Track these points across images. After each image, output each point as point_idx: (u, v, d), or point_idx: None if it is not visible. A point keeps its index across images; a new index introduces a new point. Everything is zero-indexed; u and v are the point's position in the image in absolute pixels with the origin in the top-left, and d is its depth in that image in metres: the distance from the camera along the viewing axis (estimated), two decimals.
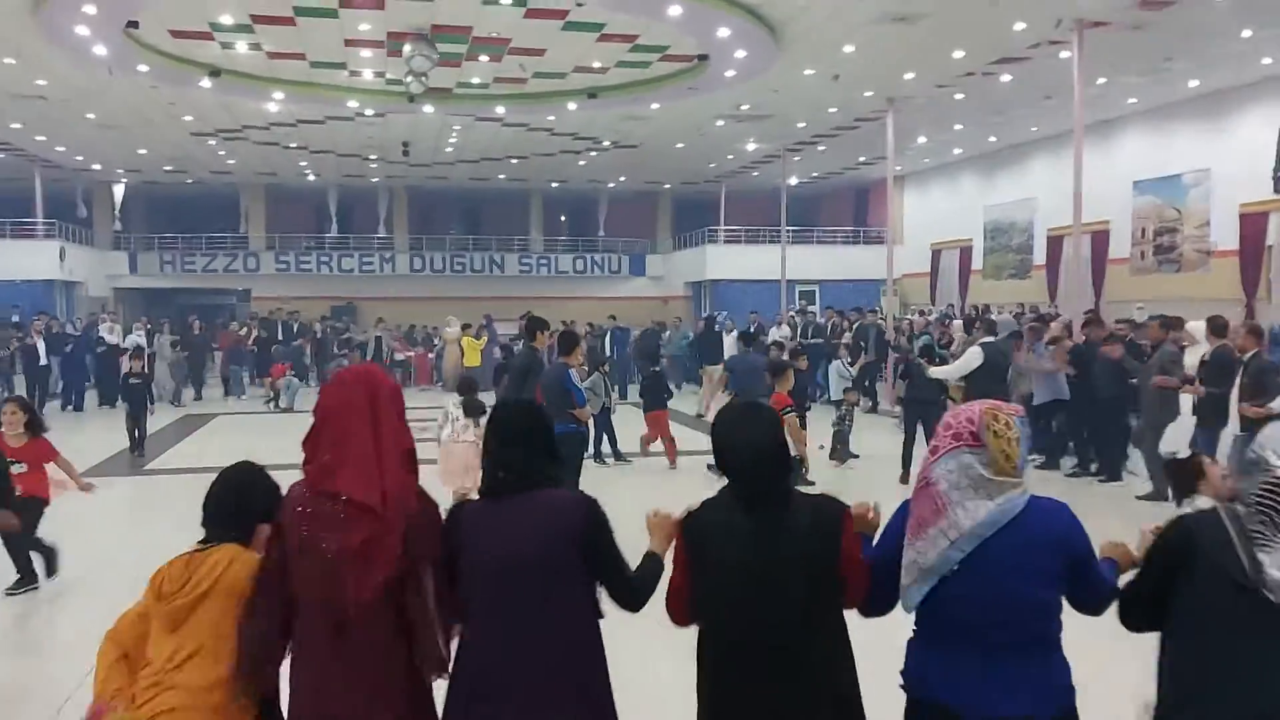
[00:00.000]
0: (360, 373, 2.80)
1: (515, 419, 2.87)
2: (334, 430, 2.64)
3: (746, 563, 2.64)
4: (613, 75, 18.71)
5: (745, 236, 31.63)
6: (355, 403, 2.66)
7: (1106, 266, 22.34)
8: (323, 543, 2.56)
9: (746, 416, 2.82)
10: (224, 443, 14.76)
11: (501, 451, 2.80)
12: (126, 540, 8.90)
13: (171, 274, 32.08)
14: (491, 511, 2.74)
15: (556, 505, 2.73)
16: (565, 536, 2.68)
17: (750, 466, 2.72)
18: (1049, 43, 15.84)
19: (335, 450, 2.61)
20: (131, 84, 18.38)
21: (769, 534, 2.64)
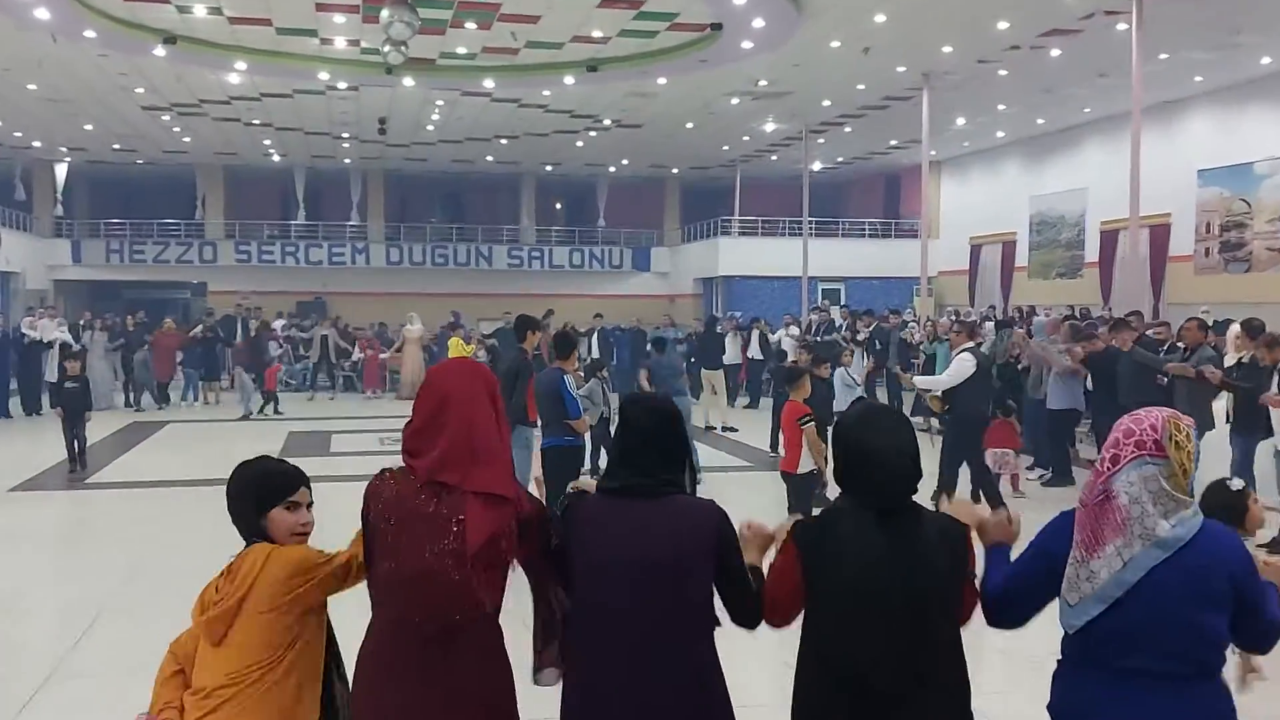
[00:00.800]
0: (473, 365, 3.03)
1: (647, 419, 2.96)
2: (458, 421, 2.77)
3: (881, 584, 2.67)
4: (615, 46, 18.73)
5: (762, 228, 31.65)
6: (477, 393, 2.83)
7: (1167, 265, 22.33)
8: (422, 544, 2.69)
9: (880, 420, 2.88)
10: (174, 455, 14.76)
11: (631, 454, 2.92)
12: (54, 564, 8.89)
13: (118, 265, 32.09)
14: (617, 511, 2.86)
15: (689, 511, 2.86)
16: (698, 544, 2.81)
17: (887, 476, 2.75)
18: (1104, 13, 15.84)
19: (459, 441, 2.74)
20: (77, 52, 18.39)
21: (904, 552, 2.68)
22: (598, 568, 2.81)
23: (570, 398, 7.88)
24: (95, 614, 7.08)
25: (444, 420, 2.75)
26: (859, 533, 2.71)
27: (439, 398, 2.80)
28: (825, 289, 29.68)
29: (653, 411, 2.98)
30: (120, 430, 16.75)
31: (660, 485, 2.87)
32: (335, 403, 21.59)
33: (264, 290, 30.51)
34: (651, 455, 2.89)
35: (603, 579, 2.80)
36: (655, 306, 30.69)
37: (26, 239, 30.30)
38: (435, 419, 2.77)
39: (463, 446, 2.72)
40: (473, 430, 2.75)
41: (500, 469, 2.76)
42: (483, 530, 2.67)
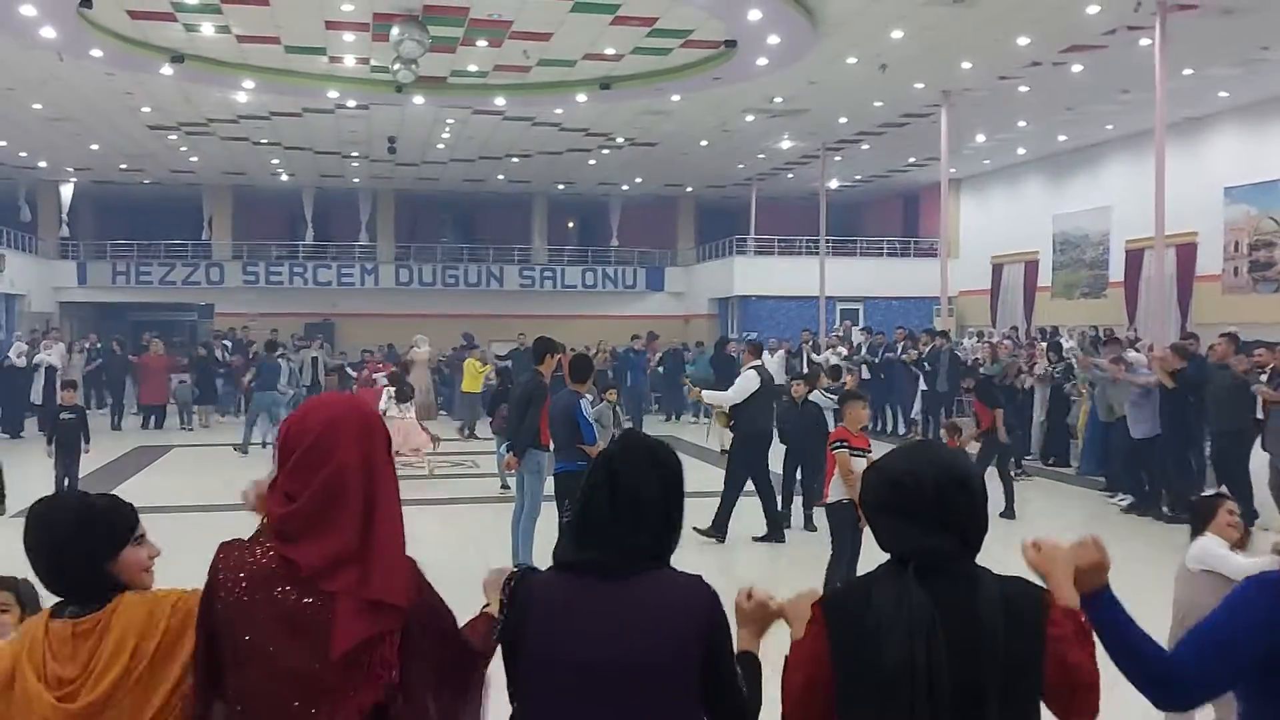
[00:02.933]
0: (361, 411, 2.32)
1: (647, 475, 2.38)
2: (323, 485, 2.17)
3: (927, 661, 2.11)
4: (628, 63, 18.80)
5: (779, 247, 31.66)
6: (375, 456, 2.24)
7: (1194, 285, 22.24)
8: (287, 653, 2.11)
9: (914, 455, 2.35)
10: (179, 480, 14.79)
11: (609, 519, 2.33)
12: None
13: (125, 286, 32.22)
14: (578, 594, 2.30)
15: (673, 595, 2.29)
16: (683, 639, 2.25)
17: (904, 516, 2.25)
18: (1127, 28, 15.84)
19: (326, 516, 2.16)
20: (84, 71, 18.55)
21: (957, 618, 2.14)
22: (549, 671, 2.27)
23: (586, 422, 7.89)
24: None
25: (335, 503, 2.15)
26: (896, 594, 2.17)
27: (330, 469, 2.17)
28: (843, 309, 29.66)
29: (656, 465, 2.41)
30: (125, 455, 16.80)
31: (631, 560, 2.30)
32: None
33: (272, 312, 30.63)
34: (639, 522, 2.32)
35: (558, 685, 2.26)
36: (670, 327, 30.70)
37: (31, 260, 30.50)
38: (324, 501, 2.15)
39: (358, 544, 2.14)
40: (371, 517, 2.17)
41: (399, 567, 2.19)
42: (349, 636, 2.10)
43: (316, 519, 2.15)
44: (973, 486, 2.28)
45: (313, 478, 2.16)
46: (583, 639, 2.25)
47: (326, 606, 2.11)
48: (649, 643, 2.24)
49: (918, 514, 2.22)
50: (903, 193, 34.41)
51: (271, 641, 2.11)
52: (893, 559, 2.26)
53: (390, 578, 2.15)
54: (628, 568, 2.30)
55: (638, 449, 2.45)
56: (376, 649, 2.13)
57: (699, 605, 2.29)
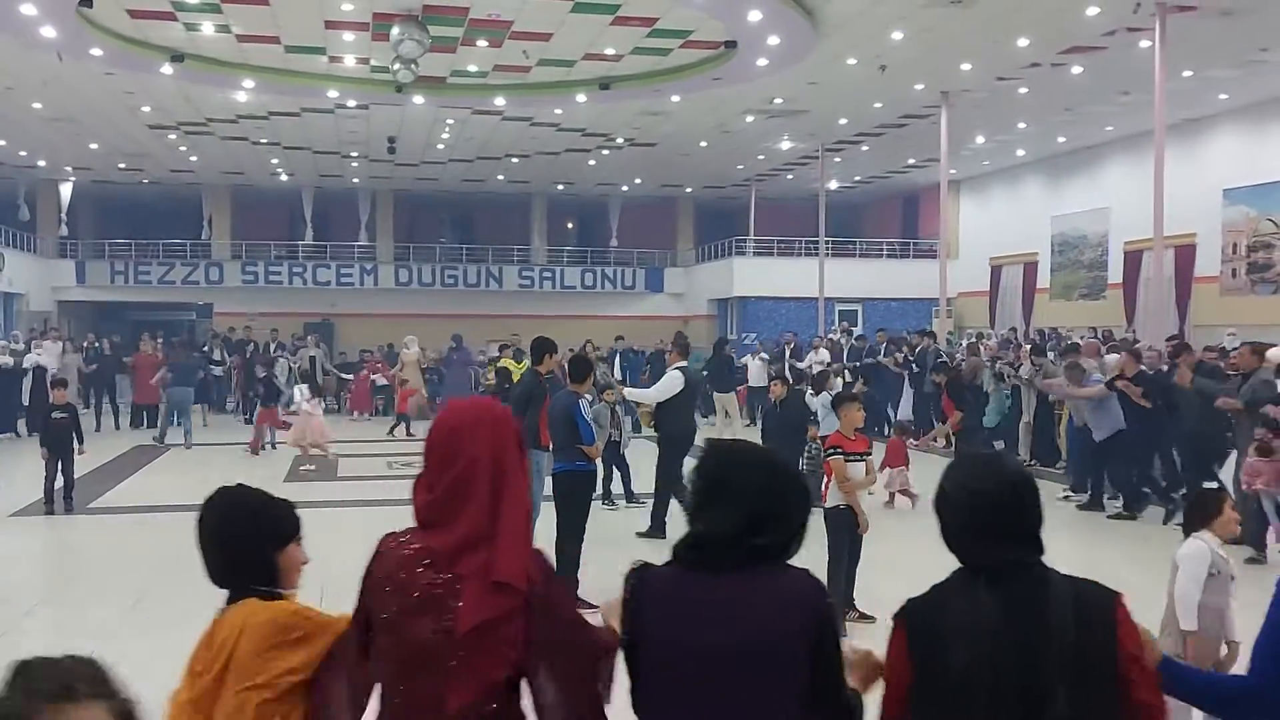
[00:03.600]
0: (497, 413, 2.53)
1: (738, 468, 2.47)
2: (454, 478, 2.39)
3: (997, 660, 2.24)
4: (628, 63, 18.83)
5: (778, 248, 31.70)
6: (505, 452, 2.43)
7: (1192, 286, 22.28)
8: (421, 625, 2.33)
9: (977, 463, 2.50)
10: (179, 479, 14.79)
11: (713, 512, 2.41)
12: (55, 590, 8.91)
13: (123, 286, 32.25)
14: (691, 586, 2.39)
15: (781, 588, 2.36)
16: (790, 630, 2.32)
17: (987, 528, 2.34)
18: (1126, 30, 15.87)
19: (456, 505, 2.38)
20: (83, 70, 18.57)
21: (1025, 622, 2.25)
22: (663, 659, 2.36)
23: (584, 423, 7.90)
24: (101, 641, 7.09)
25: (466, 493, 2.37)
26: (968, 600, 2.29)
27: (462, 463, 2.39)
28: (842, 310, 29.69)
29: (763, 465, 2.50)
30: (125, 454, 16.81)
31: (743, 555, 2.37)
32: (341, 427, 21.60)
33: (271, 312, 30.64)
34: (737, 516, 2.38)
35: (670, 673, 2.36)
36: (669, 328, 30.66)
37: (30, 260, 30.52)
38: (456, 491, 2.38)
39: (486, 530, 2.35)
40: (498, 506, 2.38)
41: (522, 554, 2.38)
42: (475, 614, 2.30)
43: (449, 508, 2.38)
44: (1037, 493, 2.39)
45: (446, 472, 2.40)
46: (694, 627, 2.34)
47: (456, 588, 2.33)
48: (757, 632, 2.31)
49: (995, 528, 2.33)
50: (902, 194, 34.44)
51: (407, 618, 2.34)
52: (966, 567, 2.37)
53: (513, 562, 2.34)
54: (739, 562, 2.37)
55: (746, 449, 2.57)
56: (503, 628, 2.32)
57: (806, 598, 2.36)
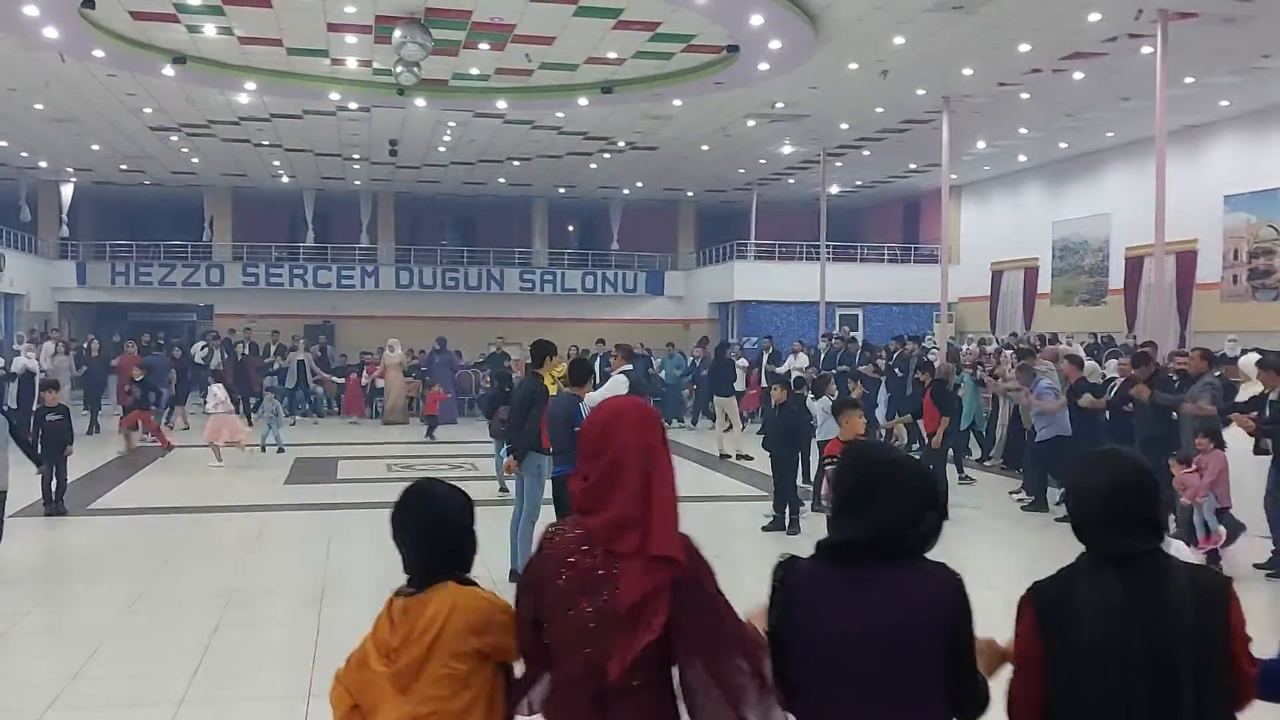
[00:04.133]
0: (643, 407, 2.77)
1: (880, 472, 2.62)
2: (606, 466, 2.61)
3: (1126, 641, 2.45)
4: (630, 67, 18.83)
5: (779, 252, 31.68)
6: (652, 443, 2.64)
7: (1193, 292, 22.27)
8: (584, 604, 2.54)
9: (1107, 459, 2.66)
10: (176, 481, 14.80)
11: (858, 516, 2.57)
12: (54, 592, 8.91)
13: (124, 287, 32.25)
14: (838, 581, 2.55)
15: (921, 579, 2.54)
16: (933, 620, 2.49)
17: (1115, 519, 2.53)
18: (1128, 36, 15.87)
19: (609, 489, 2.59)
20: (85, 71, 18.58)
21: (1150, 603, 2.46)
22: (815, 644, 2.52)
23: None
24: (97, 644, 7.09)
25: (618, 478, 2.58)
26: (1095, 585, 2.50)
27: (613, 451, 2.61)
28: (843, 314, 29.68)
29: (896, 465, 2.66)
30: (121, 455, 16.82)
31: (889, 548, 2.54)
32: (337, 429, 21.62)
33: (272, 313, 30.65)
34: (887, 515, 2.54)
35: (824, 661, 2.51)
36: (670, 331, 30.72)
37: (31, 260, 30.54)
38: (609, 477, 2.59)
39: (638, 512, 2.55)
40: (649, 489, 2.58)
41: (674, 530, 2.57)
42: (635, 590, 2.50)
43: (603, 494, 2.59)
44: (1159, 485, 2.61)
45: (598, 460, 2.61)
46: (840, 618, 2.50)
47: (614, 569, 2.53)
48: (900, 623, 2.47)
49: (1127, 519, 2.52)
50: (903, 198, 34.45)
51: (572, 598, 2.55)
52: (1093, 554, 2.56)
53: (667, 538, 2.54)
54: (881, 559, 2.53)
55: (885, 452, 2.77)
56: (654, 600, 2.50)
57: (945, 589, 2.52)
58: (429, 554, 2.82)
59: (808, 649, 2.53)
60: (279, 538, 10.99)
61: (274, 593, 8.79)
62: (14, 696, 6.20)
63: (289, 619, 8.04)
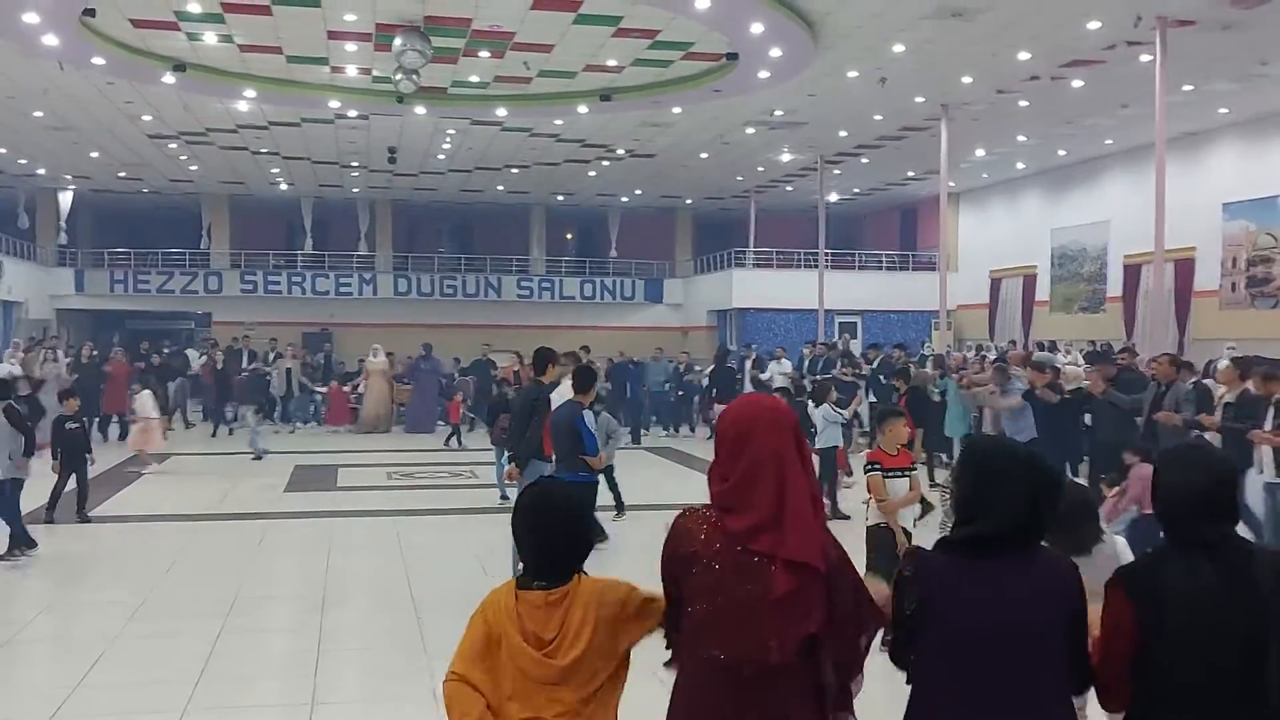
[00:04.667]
0: (777, 406, 2.86)
1: (1007, 464, 2.75)
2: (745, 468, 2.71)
3: (1220, 621, 2.61)
4: (629, 75, 18.86)
5: (777, 260, 31.72)
6: (786, 444, 2.73)
7: (1192, 300, 22.31)
8: (737, 589, 2.64)
9: (1197, 455, 2.86)
10: (179, 489, 14.79)
11: (989, 508, 2.70)
12: (58, 599, 8.90)
13: (122, 294, 32.23)
14: (970, 571, 2.69)
15: (1047, 567, 2.72)
16: (1058, 604, 2.68)
17: (1211, 511, 2.71)
18: (1127, 44, 15.91)
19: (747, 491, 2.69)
20: (85, 79, 18.59)
21: (1240, 586, 2.63)
22: (957, 638, 2.65)
23: (588, 433, 7.89)
24: (100, 652, 7.08)
25: (756, 479, 2.69)
26: (1188, 571, 2.65)
27: (750, 453, 2.72)
28: (842, 322, 29.69)
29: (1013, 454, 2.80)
30: (124, 463, 16.79)
31: (1018, 538, 2.70)
32: (337, 437, 21.61)
33: (270, 321, 30.59)
34: (1010, 507, 2.69)
35: (961, 650, 2.65)
36: (668, 339, 30.72)
37: (30, 268, 30.53)
38: (748, 478, 2.69)
39: (775, 511, 2.66)
40: (785, 491, 2.67)
41: (813, 532, 2.68)
42: (783, 585, 2.60)
43: (741, 495, 2.69)
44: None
45: (737, 462, 2.72)
46: (979, 608, 2.64)
47: (761, 561, 2.65)
48: (1034, 611, 2.64)
49: (1216, 508, 2.72)
50: (901, 206, 34.50)
51: (726, 581, 2.65)
52: (1178, 539, 2.72)
53: (804, 542, 2.65)
54: (1006, 546, 2.69)
55: (1008, 445, 2.92)
56: (806, 595, 2.62)
57: (1068, 575, 2.73)
58: (562, 551, 2.93)
59: (944, 639, 2.67)
60: (280, 545, 10.96)
61: (276, 600, 8.80)
62: (18, 705, 6.20)
63: (291, 626, 8.03)
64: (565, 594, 2.85)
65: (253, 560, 10.14)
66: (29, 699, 6.28)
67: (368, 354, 23.11)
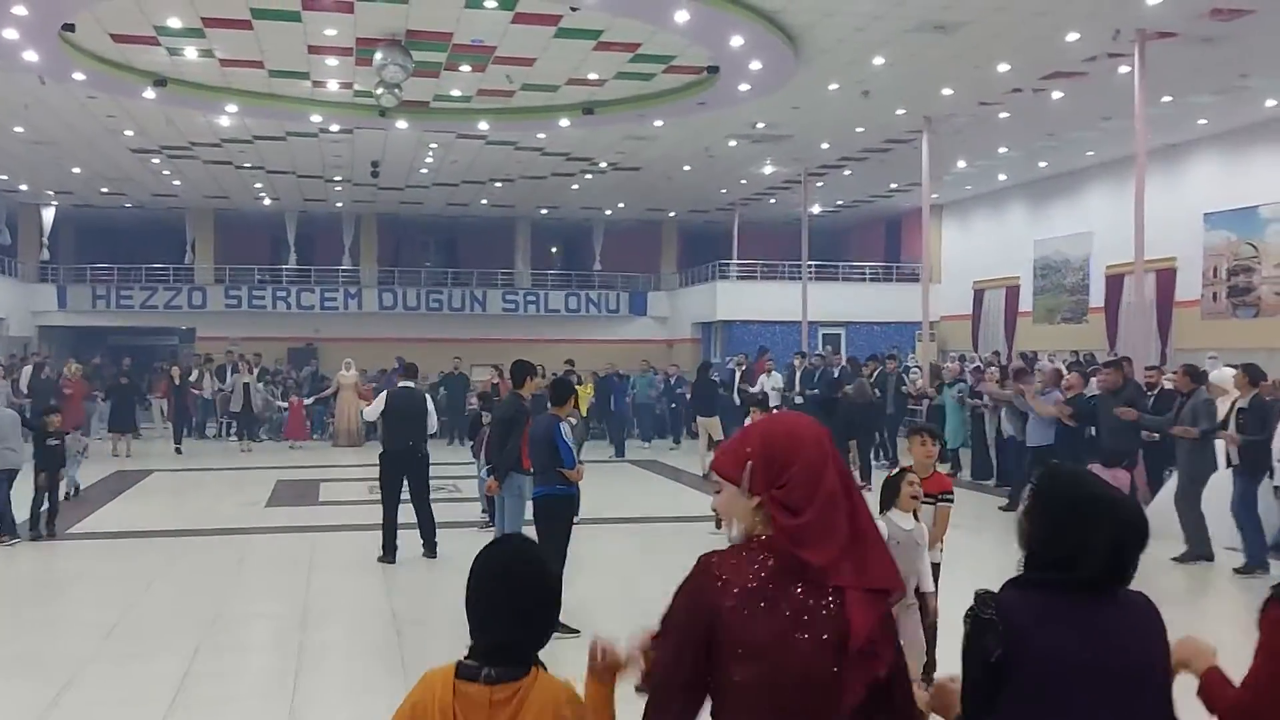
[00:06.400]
0: (805, 420, 2.60)
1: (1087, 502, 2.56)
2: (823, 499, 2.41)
3: None
4: (611, 88, 18.86)
5: (761, 272, 31.72)
6: (825, 454, 2.46)
7: (1174, 310, 22.37)
8: (801, 643, 2.31)
9: None
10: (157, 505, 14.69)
11: (1068, 541, 2.51)
12: (31, 617, 8.80)
13: (105, 310, 32.06)
14: (1068, 611, 2.50)
15: (1141, 607, 2.56)
16: (1159, 647, 2.53)
17: None
18: (1107, 56, 15.97)
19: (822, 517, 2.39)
20: (66, 94, 18.51)
21: None
22: (1059, 682, 2.45)
23: (565, 445, 7.82)
24: (74, 671, 6.99)
25: (832, 510, 2.41)
26: None
27: (825, 486, 2.41)
28: (826, 333, 29.71)
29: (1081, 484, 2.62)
30: (103, 479, 16.67)
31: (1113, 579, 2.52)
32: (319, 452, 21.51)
33: (255, 336, 30.46)
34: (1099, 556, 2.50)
35: (1061, 702, 2.44)
36: (653, 351, 30.73)
37: (11, 284, 30.37)
38: (826, 509, 2.40)
39: (850, 541, 2.40)
40: (855, 519, 2.42)
41: (884, 553, 2.46)
42: (865, 624, 2.32)
43: (823, 526, 2.38)
44: None
45: (815, 491, 2.39)
46: (1084, 650, 2.45)
47: (837, 602, 2.34)
48: (1133, 647, 2.48)
49: None
50: (885, 218, 34.56)
51: (785, 636, 2.31)
52: None
53: (882, 565, 2.42)
54: (1096, 585, 2.50)
55: (1085, 474, 2.68)
56: (885, 627, 2.38)
57: (1159, 617, 2.55)
58: (521, 630, 2.44)
59: (1037, 690, 2.45)
60: (261, 561, 10.88)
61: (256, 617, 8.71)
62: None
63: (271, 644, 7.95)
64: (516, 692, 2.34)
65: (233, 576, 10.05)
66: (4, 715, 6.19)
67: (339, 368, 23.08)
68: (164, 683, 6.74)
